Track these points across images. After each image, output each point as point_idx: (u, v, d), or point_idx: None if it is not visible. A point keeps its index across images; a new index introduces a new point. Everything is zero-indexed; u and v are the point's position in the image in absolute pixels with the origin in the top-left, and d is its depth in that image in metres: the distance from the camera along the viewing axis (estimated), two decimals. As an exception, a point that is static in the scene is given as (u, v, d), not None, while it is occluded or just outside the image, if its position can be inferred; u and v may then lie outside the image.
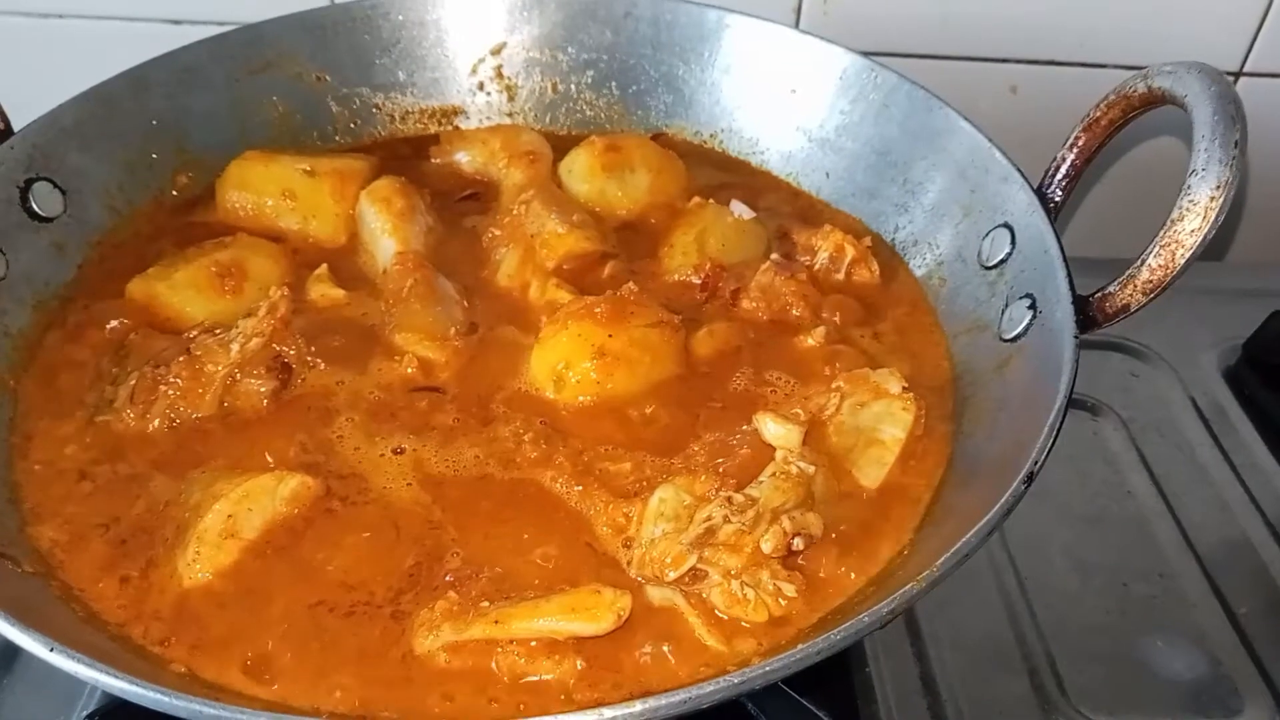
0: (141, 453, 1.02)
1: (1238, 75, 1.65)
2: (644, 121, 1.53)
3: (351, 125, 1.51)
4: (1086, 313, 0.99)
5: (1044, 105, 1.68)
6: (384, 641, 0.87)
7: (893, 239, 1.33)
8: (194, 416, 1.05)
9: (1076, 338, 0.96)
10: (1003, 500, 0.81)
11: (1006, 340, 1.08)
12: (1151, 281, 0.93)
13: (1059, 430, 0.88)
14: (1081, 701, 1.13)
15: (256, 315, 1.08)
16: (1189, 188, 0.90)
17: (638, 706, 0.68)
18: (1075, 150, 1.12)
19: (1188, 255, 0.91)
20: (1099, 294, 0.99)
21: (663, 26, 1.49)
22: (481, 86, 1.55)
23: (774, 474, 0.92)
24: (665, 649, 0.85)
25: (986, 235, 1.18)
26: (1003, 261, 1.15)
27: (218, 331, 1.09)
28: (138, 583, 0.90)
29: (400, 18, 1.49)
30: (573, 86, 1.55)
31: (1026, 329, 1.05)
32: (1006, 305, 1.11)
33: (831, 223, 1.31)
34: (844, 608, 0.88)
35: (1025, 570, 1.27)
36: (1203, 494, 1.38)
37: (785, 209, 1.40)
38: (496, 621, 0.83)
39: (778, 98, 1.45)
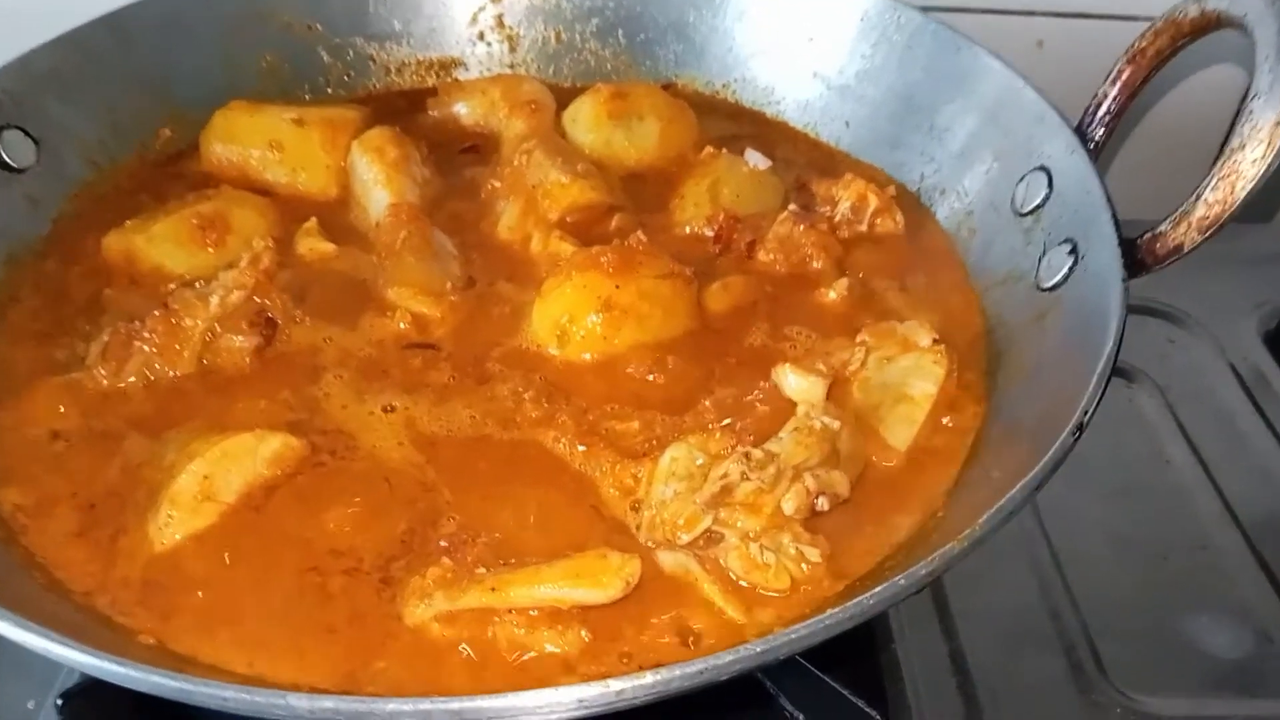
0: (115, 412, 0.95)
1: None
2: (653, 72, 1.45)
3: (345, 78, 1.44)
4: (1134, 256, 0.91)
5: (1071, 61, 1.57)
6: (372, 611, 0.80)
7: (918, 189, 1.25)
8: (171, 374, 0.98)
9: (1125, 281, 0.88)
10: (1050, 453, 0.73)
11: (1045, 289, 1.00)
12: (1208, 218, 0.85)
13: (1109, 379, 0.80)
14: (1121, 680, 1.06)
15: (238, 267, 1.01)
16: (1250, 113, 0.82)
17: (648, 678, 0.61)
18: (1118, 85, 1.04)
19: (1249, 187, 0.83)
20: (1148, 234, 0.91)
21: (671, -30, 1.41)
22: (481, 36, 1.47)
23: (796, 429, 0.84)
24: (678, 618, 0.77)
25: (1021, 180, 1.10)
26: (1039, 206, 1.07)
27: (197, 285, 1.02)
28: (106, 549, 0.84)
29: (396, -36, 1.42)
30: (577, 35, 1.47)
31: (1067, 276, 0.97)
32: (1044, 253, 1.03)
33: (853, 173, 1.23)
34: (873, 574, 0.80)
35: (1059, 543, 1.20)
36: (1244, 463, 1.31)
37: (802, 160, 1.32)
38: (493, 588, 0.76)
39: (794, 44, 1.37)
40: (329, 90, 1.42)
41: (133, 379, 0.97)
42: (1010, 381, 0.96)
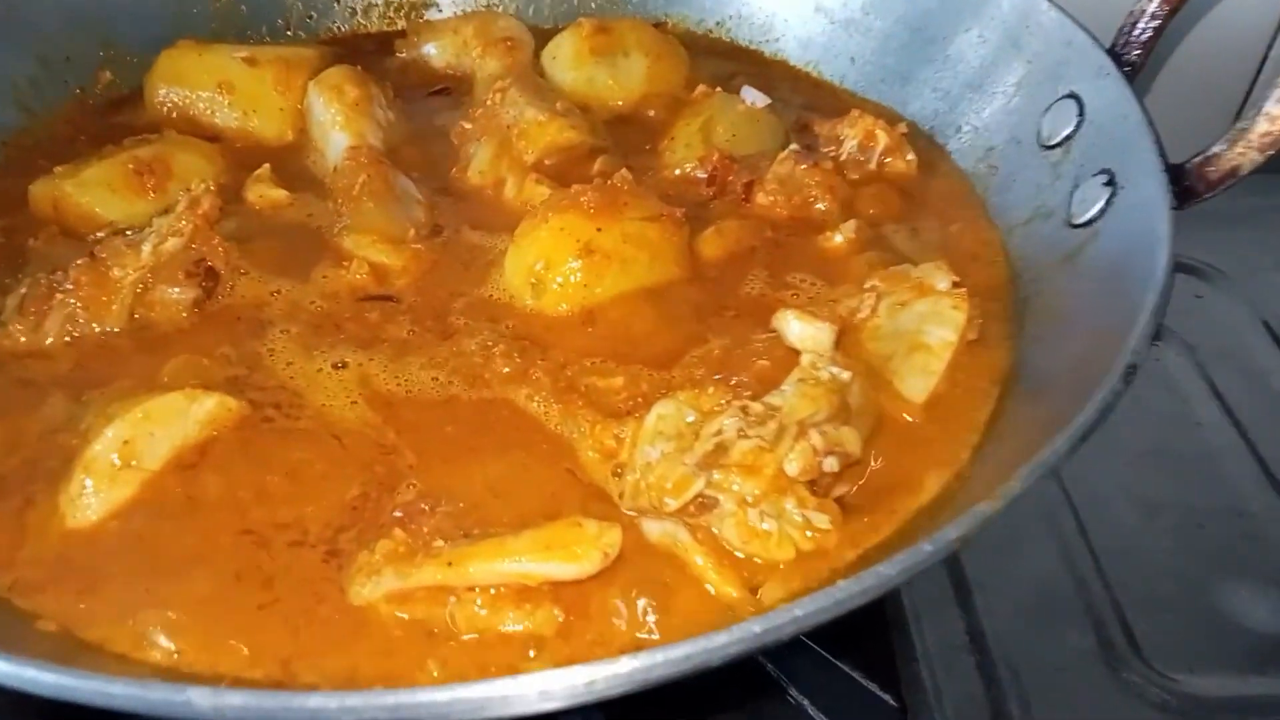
0: (31, 373, 0.84)
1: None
2: (640, 9, 1.34)
3: (307, 19, 1.33)
4: (1182, 183, 0.80)
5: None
6: (314, 590, 0.69)
7: (930, 126, 1.14)
8: (98, 330, 0.87)
9: (1173, 209, 0.77)
10: (1099, 397, 0.63)
11: (1078, 225, 0.89)
12: (1271, 133, 0.74)
13: (1162, 316, 0.70)
14: (1155, 657, 0.95)
15: (174, 211, 0.90)
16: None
17: (625, 664, 0.50)
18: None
19: (1319, 98, 0.72)
20: (1198, 158, 0.81)
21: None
22: (457, -32, 1.36)
23: (800, 381, 0.74)
24: (664, 596, 0.67)
25: (1047, 110, 1.00)
26: (1068, 138, 0.96)
27: (129, 233, 0.91)
28: (12, 524, 0.73)
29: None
30: (562, -33, 1.36)
31: (1104, 210, 0.87)
32: (1075, 186, 0.92)
33: (860, 110, 1.12)
34: (890, 542, 0.70)
35: (1084, 511, 1.09)
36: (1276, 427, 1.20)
37: (803, 100, 1.21)
38: (450, 563, 0.66)
39: (794, -25, 1.26)
40: (289, 33, 1.31)
41: (53, 337, 0.86)
42: (1040, 326, 0.85)
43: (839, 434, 0.71)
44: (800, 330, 0.79)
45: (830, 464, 0.70)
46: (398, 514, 0.72)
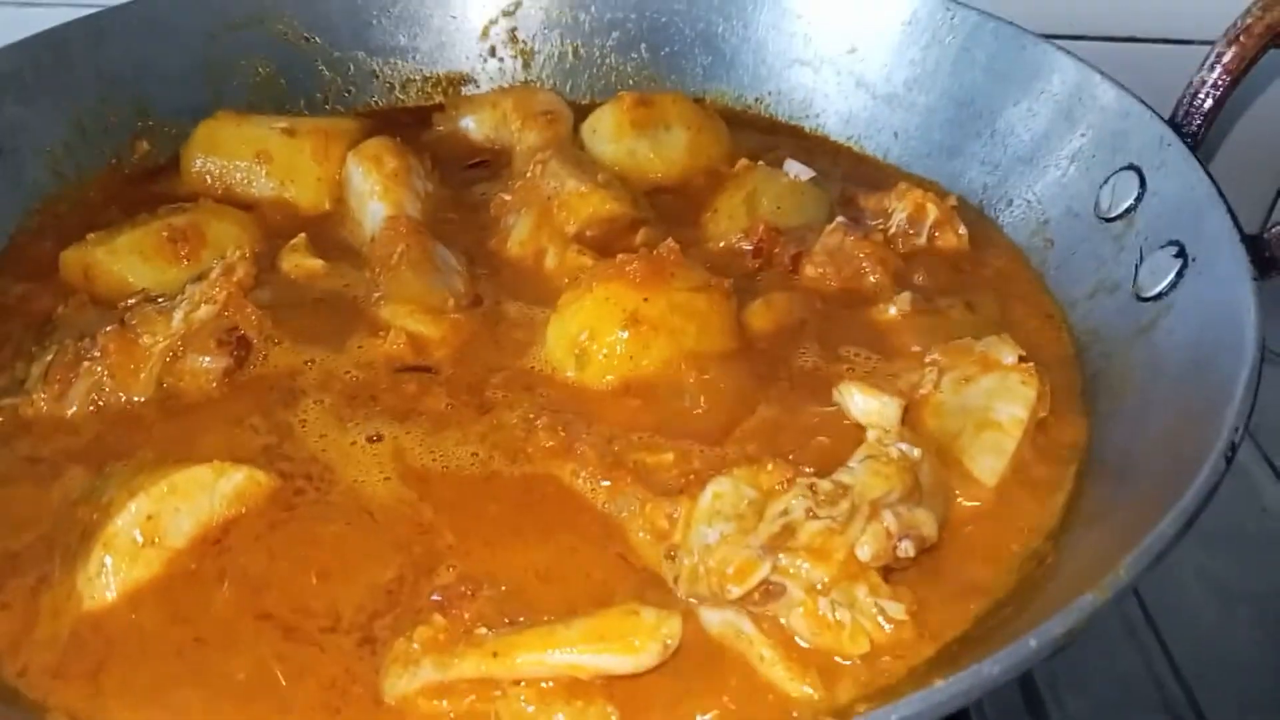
0: (54, 443, 0.81)
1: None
2: (679, 87, 1.32)
3: (345, 93, 1.32)
4: (1262, 254, 0.77)
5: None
6: (348, 683, 0.63)
7: (980, 201, 1.11)
8: (124, 400, 0.83)
9: (1256, 279, 0.73)
10: (1202, 477, 0.58)
11: (1147, 299, 0.85)
12: (1360, 201, 0.70)
13: (1256, 389, 0.65)
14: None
15: (208, 279, 0.87)
16: None
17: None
18: (1218, 69, 0.90)
19: None
20: (1276, 228, 0.76)
21: (698, -25, 1.30)
22: (493, 51, 1.36)
23: (869, 457, 0.69)
24: (729, 693, 0.61)
25: (1105, 182, 0.97)
26: (1130, 209, 0.93)
27: (160, 300, 0.88)
28: (24, 605, 0.68)
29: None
30: (596, 50, 1.35)
31: (1175, 282, 0.83)
32: (1141, 259, 0.89)
33: (907, 183, 1.09)
34: (971, 636, 0.64)
35: (1151, 598, 1.03)
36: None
37: (846, 174, 1.19)
38: (495, 653, 0.60)
39: (834, 54, 1.25)
40: (326, 107, 1.31)
41: (77, 406, 0.82)
42: (1115, 402, 0.81)
43: (913, 515, 0.66)
44: (865, 404, 0.74)
45: (906, 548, 0.65)
46: (436, 598, 0.67)
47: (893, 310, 0.93)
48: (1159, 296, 0.84)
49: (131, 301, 0.89)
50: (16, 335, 0.93)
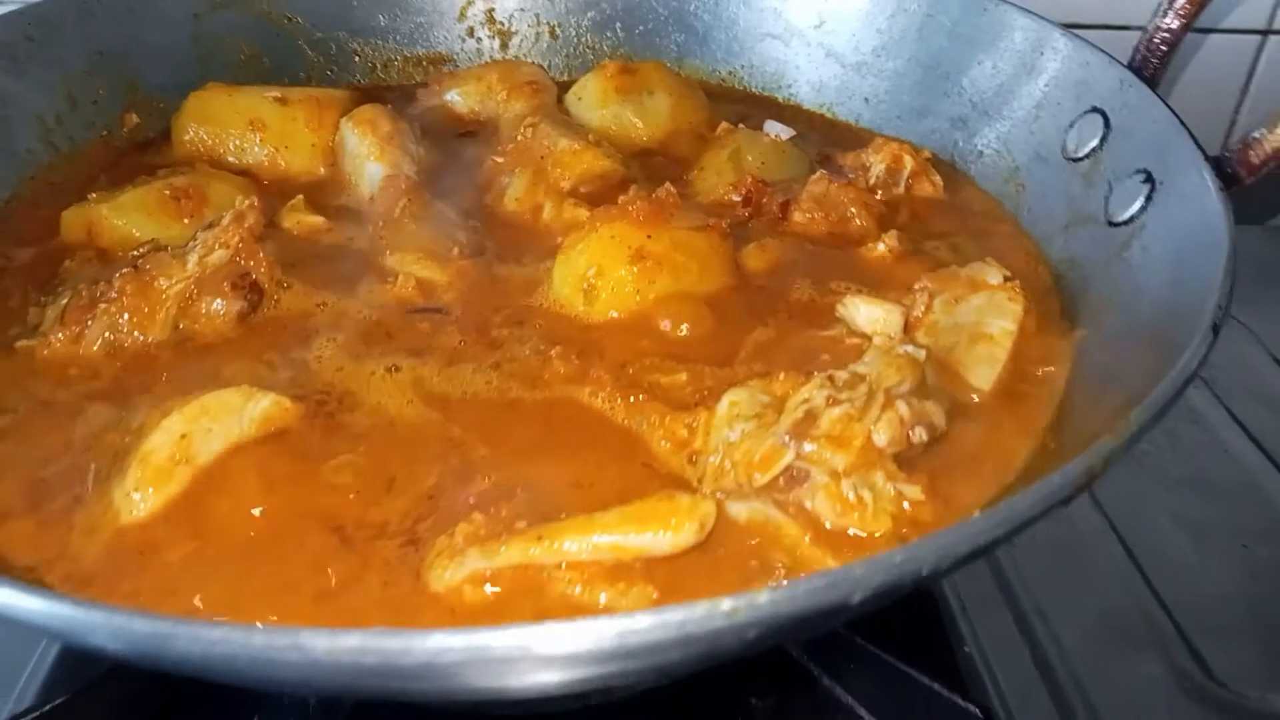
0: (73, 381, 0.81)
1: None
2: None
3: (328, 72, 1.35)
4: (1224, 171, 0.83)
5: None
6: (392, 580, 0.65)
7: (951, 155, 1.17)
8: (140, 340, 0.84)
9: (1223, 190, 0.79)
10: (1192, 348, 0.63)
11: (1119, 224, 0.91)
12: (1314, 113, 0.77)
13: (1233, 279, 0.71)
14: (1233, 680, 0.94)
15: (220, 225, 0.89)
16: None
17: (765, 597, 0.47)
18: (1171, 14, 0.97)
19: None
20: (1238, 145, 0.83)
21: (670, -44, 1.35)
22: (471, 32, 1.39)
23: (881, 352, 0.73)
24: (772, 571, 0.64)
25: (1071, 126, 1.03)
26: (1096, 148, 0.99)
27: (170, 249, 0.89)
28: (60, 522, 0.69)
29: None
30: (572, 29, 1.40)
31: (1145, 205, 0.89)
32: (1111, 190, 0.94)
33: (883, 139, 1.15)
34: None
35: (1130, 538, 1.09)
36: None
37: (821, 137, 1.24)
38: (541, 537, 0.62)
39: (803, 28, 1.31)
40: (311, 84, 1.32)
41: (95, 346, 0.83)
42: (1099, 316, 0.86)
43: (924, 406, 0.70)
44: (869, 313, 0.79)
45: (919, 435, 0.69)
46: (472, 500, 0.69)
47: (882, 247, 0.98)
48: (1130, 220, 0.90)
49: (142, 249, 0.89)
50: (21, 290, 0.93)
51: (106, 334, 0.83)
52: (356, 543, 0.68)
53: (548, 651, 0.44)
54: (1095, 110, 1.00)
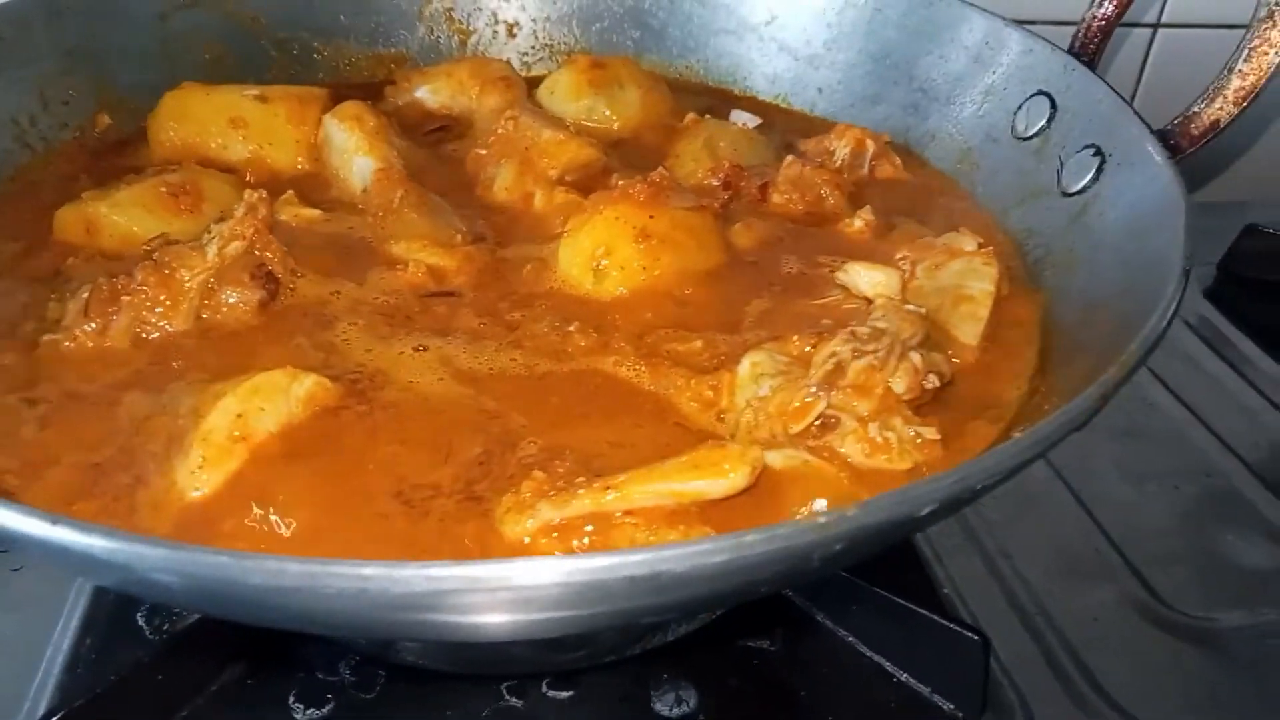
0: (105, 371, 0.82)
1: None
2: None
3: (292, 72, 1.35)
4: (1168, 142, 0.93)
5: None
6: (462, 531, 0.69)
7: (905, 140, 1.25)
8: (167, 331, 0.85)
9: (1171, 158, 0.89)
10: (1170, 290, 0.71)
11: (1073, 194, 1.00)
12: (1244, 88, 0.88)
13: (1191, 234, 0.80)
14: (1178, 602, 1.04)
15: (233, 217, 0.90)
16: (1273, -15, 0.85)
17: (852, 511, 0.53)
18: (1106, 5, 1.07)
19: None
20: (1178, 119, 0.93)
21: (626, -44, 1.41)
22: (431, 31, 1.42)
23: (891, 310, 0.80)
24: (813, 507, 0.70)
25: (1019, 109, 1.12)
26: (1044, 128, 1.08)
27: (182, 242, 0.90)
28: (124, 502, 0.70)
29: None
30: (530, 28, 1.44)
31: (1097, 175, 0.98)
32: (1062, 165, 1.04)
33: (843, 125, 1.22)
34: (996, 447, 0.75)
35: (1075, 484, 1.20)
36: (1222, 400, 1.37)
37: (780, 125, 1.31)
38: (608, 488, 0.67)
39: (756, 23, 1.38)
40: (275, 84, 1.33)
41: (121, 338, 0.84)
42: (1065, 276, 0.95)
43: (932, 356, 0.77)
44: (870, 276, 0.86)
45: (931, 381, 0.76)
46: (530, 461, 0.73)
47: (858, 223, 1.05)
48: (1084, 190, 0.99)
49: (153, 245, 0.90)
50: (23, 289, 0.92)
51: (132, 326, 0.84)
52: (417, 503, 0.71)
53: (685, 569, 0.49)
54: (1041, 93, 1.09)
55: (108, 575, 0.56)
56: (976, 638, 0.88)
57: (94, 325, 0.83)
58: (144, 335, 0.85)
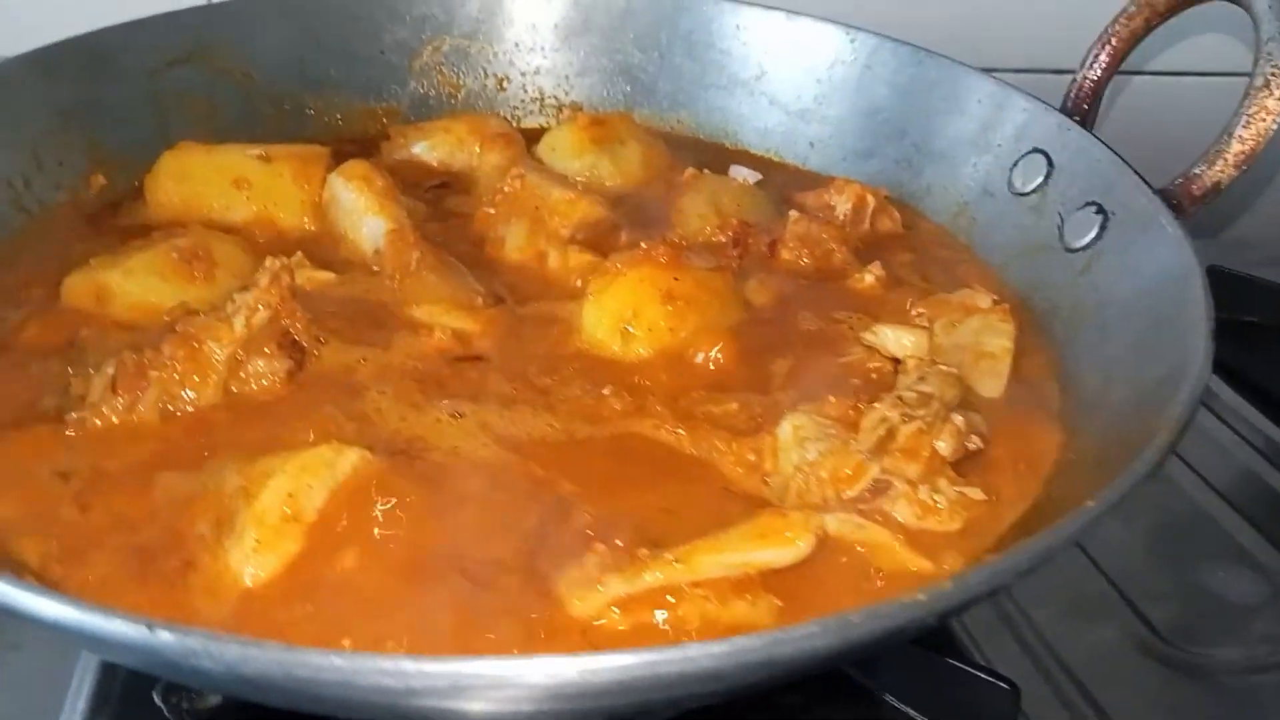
0: (135, 448, 0.80)
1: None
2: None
3: (285, 127, 1.34)
4: (1170, 203, 0.97)
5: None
6: (527, 608, 0.68)
7: (899, 194, 1.28)
8: (196, 406, 0.83)
9: (1176, 215, 0.93)
10: (1203, 350, 0.74)
11: (1077, 250, 1.04)
12: (1243, 152, 0.92)
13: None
14: (1176, 638, 1.07)
15: (257, 286, 0.89)
16: (1269, 55, 0.90)
17: (950, 585, 0.54)
18: (1096, 67, 1.11)
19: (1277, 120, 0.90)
20: (1179, 180, 0.97)
21: (615, 13, 1.43)
22: (421, 85, 1.42)
23: (926, 375, 0.82)
24: (868, 574, 0.71)
25: (1015, 165, 1.16)
26: (1042, 184, 1.12)
27: (203, 314, 0.88)
28: (177, 586, 0.68)
29: (328, 9, 1.35)
30: (519, 82, 1.45)
31: (1100, 233, 1.02)
32: (1063, 221, 1.07)
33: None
34: (1041, 507, 0.78)
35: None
36: (1195, 438, 1.41)
37: (776, 180, 1.33)
38: (676, 561, 0.67)
39: (745, 78, 1.41)
40: (267, 141, 1.31)
41: (151, 414, 0.82)
42: (1075, 330, 0.98)
43: (972, 417, 0.79)
44: (898, 337, 0.87)
45: (975, 442, 0.78)
46: (589, 532, 0.73)
47: (869, 278, 1.07)
48: (1087, 247, 1.03)
49: (174, 314, 0.88)
50: (35, 361, 0.90)
51: (161, 402, 0.82)
52: (481, 580, 0.70)
53: (795, 651, 0.49)
54: (1037, 150, 1.13)
55: (188, 674, 0.54)
56: (1007, 687, 0.89)
57: (122, 401, 0.80)
58: (173, 410, 0.82)
